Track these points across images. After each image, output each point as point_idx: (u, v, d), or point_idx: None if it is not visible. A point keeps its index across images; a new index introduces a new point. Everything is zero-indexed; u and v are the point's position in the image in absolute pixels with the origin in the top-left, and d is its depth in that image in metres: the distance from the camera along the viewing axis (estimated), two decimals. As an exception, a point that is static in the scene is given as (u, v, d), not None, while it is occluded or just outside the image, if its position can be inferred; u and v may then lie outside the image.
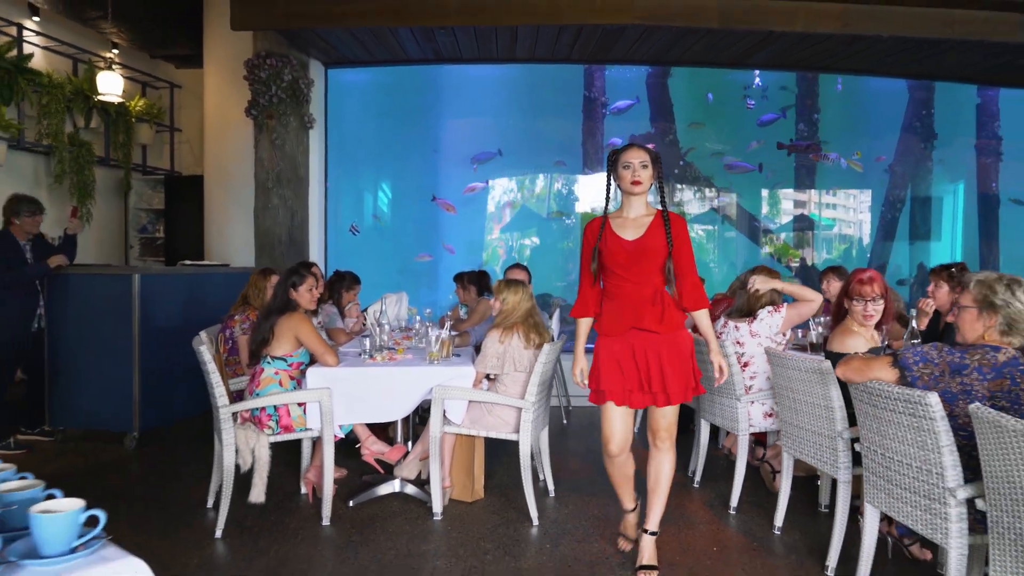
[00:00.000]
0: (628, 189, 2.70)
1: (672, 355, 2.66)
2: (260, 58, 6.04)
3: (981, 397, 2.17)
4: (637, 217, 2.72)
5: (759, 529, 3.34)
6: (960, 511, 2.09)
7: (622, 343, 2.70)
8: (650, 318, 2.66)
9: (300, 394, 3.33)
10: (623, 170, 2.68)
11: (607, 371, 2.71)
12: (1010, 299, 2.24)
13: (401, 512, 3.52)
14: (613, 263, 2.70)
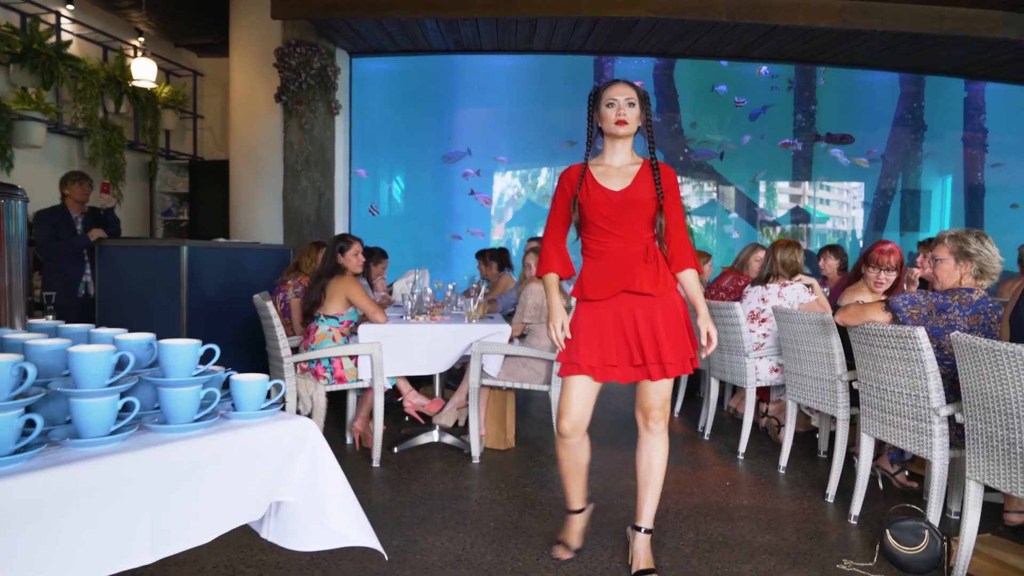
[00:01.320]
0: (612, 130, 2.32)
1: (669, 320, 2.32)
2: (290, 47, 6.38)
3: (963, 330, 2.58)
4: (623, 165, 2.38)
5: (765, 470, 3.73)
6: (943, 427, 2.48)
7: (608, 309, 2.35)
8: (643, 278, 2.32)
9: (353, 347, 3.69)
10: (607, 108, 2.32)
11: (588, 341, 2.35)
12: (980, 248, 2.68)
13: (442, 457, 3.89)
14: (597, 216, 2.34)
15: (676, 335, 2.33)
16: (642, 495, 2.48)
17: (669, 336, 2.31)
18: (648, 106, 2.38)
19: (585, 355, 2.34)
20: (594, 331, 2.35)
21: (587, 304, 2.39)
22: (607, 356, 2.34)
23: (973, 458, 2.28)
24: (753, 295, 4.12)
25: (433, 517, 2.97)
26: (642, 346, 2.32)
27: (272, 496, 1.53)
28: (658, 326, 2.31)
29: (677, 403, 5.08)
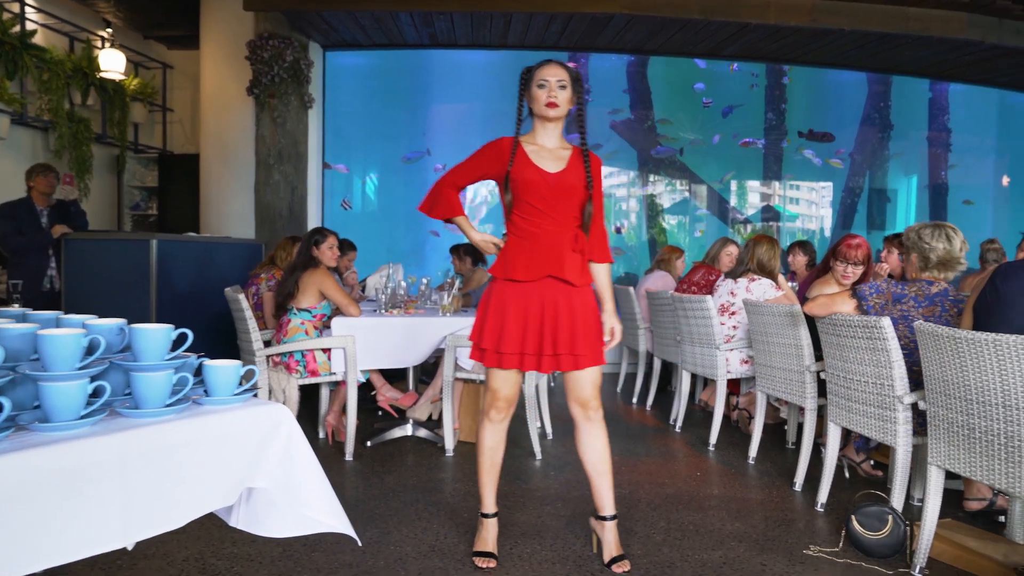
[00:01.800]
0: (542, 112, 2.28)
1: (587, 312, 2.32)
2: (263, 39, 6.31)
3: (917, 320, 2.66)
4: (554, 148, 2.34)
5: (735, 460, 3.78)
6: (906, 415, 2.54)
7: (532, 293, 2.29)
8: (571, 267, 2.28)
9: (327, 340, 3.67)
10: (537, 89, 2.27)
11: (511, 328, 2.28)
12: (919, 242, 2.77)
13: (415, 451, 3.88)
14: (533, 196, 2.28)
15: (592, 327, 2.33)
16: (599, 484, 2.44)
17: (585, 328, 2.30)
18: (581, 89, 2.34)
19: (508, 343, 2.28)
20: (519, 317, 2.28)
21: (509, 285, 2.31)
22: (526, 344, 2.29)
23: (935, 444, 2.34)
24: (723, 288, 4.18)
25: (407, 509, 2.97)
26: (557, 336, 2.28)
27: (245, 482, 1.52)
28: (576, 317, 2.29)
29: (649, 396, 5.13)
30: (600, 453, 2.42)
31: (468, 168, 2.42)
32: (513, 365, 2.30)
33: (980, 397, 2.11)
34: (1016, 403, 1.99)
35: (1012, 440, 2.02)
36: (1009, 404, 2.02)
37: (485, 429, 2.44)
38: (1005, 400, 2.03)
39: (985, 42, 5.92)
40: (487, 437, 2.45)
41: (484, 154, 2.38)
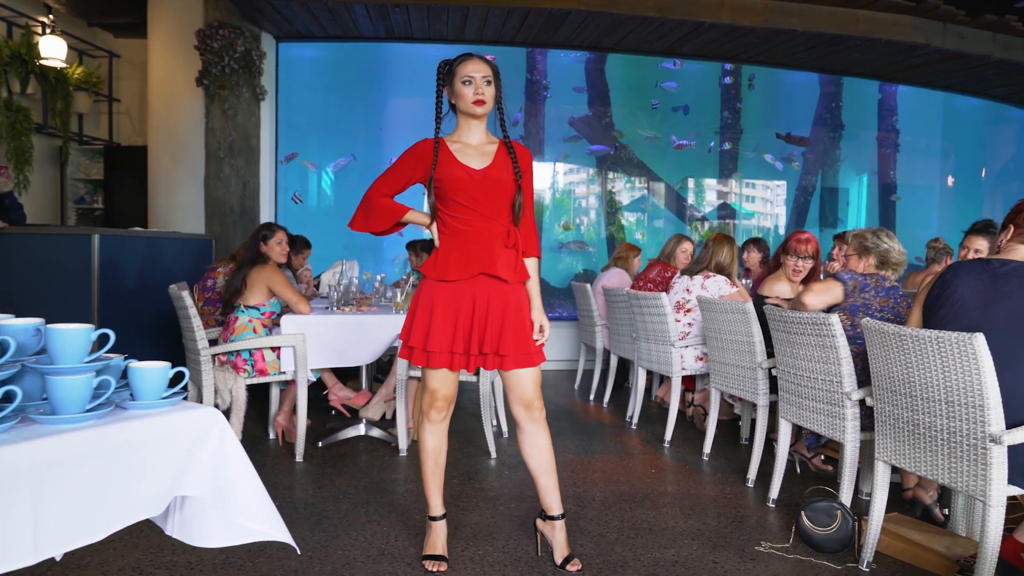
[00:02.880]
0: (470, 110, 2.23)
1: (519, 310, 2.26)
2: (213, 28, 6.13)
3: (876, 309, 2.77)
4: (479, 144, 2.30)
5: (690, 457, 3.80)
6: (854, 411, 2.57)
7: (462, 292, 2.22)
8: (504, 263, 2.23)
9: (276, 339, 3.57)
10: (463, 86, 2.21)
11: (441, 326, 2.21)
12: (877, 242, 2.99)
13: (368, 451, 3.81)
14: (459, 194, 2.23)
15: (522, 326, 2.26)
16: (546, 484, 2.38)
17: (514, 327, 2.24)
18: (500, 82, 2.28)
19: (437, 341, 2.20)
20: (450, 315, 2.22)
21: (440, 285, 2.24)
22: (456, 343, 2.22)
23: (881, 440, 2.37)
24: (679, 285, 4.19)
25: (357, 511, 2.90)
26: (485, 335, 2.23)
27: (174, 490, 1.45)
28: (507, 315, 2.24)
29: (606, 393, 5.13)
30: (544, 453, 2.36)
31: (392, 177, 2.32)
32: (441, 364, 2.23)
33: (924, 393, 2.14)
34: (958, 399, 2.02)
35: (954, 436, 2.05)
36: (951, 400, 2.04)
37: (426, 430, 2.37)
38: (947, 396, 2.06)
39: (930, 45, 6.07)
40: (428, 438, 2.38)
41: (407, 160, 2.31)
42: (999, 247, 2.30)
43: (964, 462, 2.03)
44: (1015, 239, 2.25)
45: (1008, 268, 2.17)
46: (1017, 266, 2.17)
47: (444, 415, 2.35)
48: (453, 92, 2.25)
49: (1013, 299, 2.12)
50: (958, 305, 2.20)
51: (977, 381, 1.95)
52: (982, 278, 2.20)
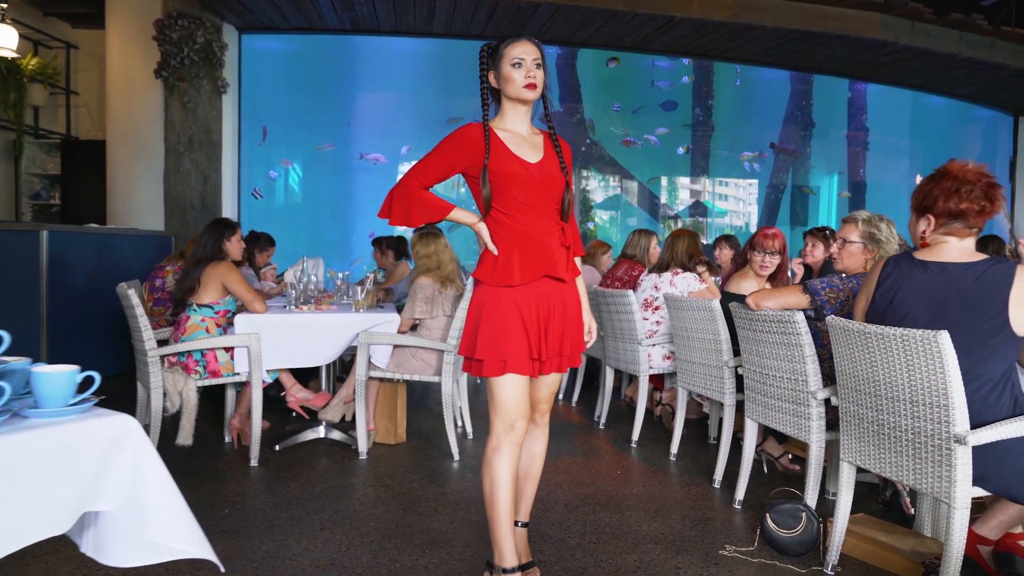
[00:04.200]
0: (520, 95, 2.02)
1: (575, 310, 2.17)
2: (171, 18, 5.96)
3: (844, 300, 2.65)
4: (527, 135, 2.10)
5: (657, 457, 3.73)
6: (820, 410, 2.52)
7: (526, 295, 2.04)
8: (562, 263, 2.09)
9: (229, 339, 3.43)
10: (512, 69, 2.00)
11: (515, 333, 2.01)
12: (889, 235, 2.76)
13: (327, 454, 3.69)
14: (518, 190, 2.02)
15: (578, 326, 2.18)
16: (527, 489, 2.26)
17: (573, 327, 2.15)
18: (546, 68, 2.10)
19: (514, 350, 2.00)
20: (519, 321, 2.02)
21: (502, 291, 2.03)
22: (531, 348, 2.04)
23: (846, 440, 2.31)
24: (647, 283, 4.13)
25: (310, 519, 2.78)
26: (559, 337, 2.11)
27: (84, 505, 1.33)
28: (567, 316, 2.12)
29: (575, 393, 5.06)
30: (533, 454, 2.25)
31: (436, 164, 2.06)
32: (523, 370, 2.02)
33: (888, 392, 2.08)
34: (922, 399, 1.96)
35: (919, 436, 1.99)
36: (916, 400, 1.99)
37: (502, 458, 2.04)
38: (912, 396, 2.00)
39: (898, 43, 6.08)
40: (505, 469, 2.04)
41: (453, 145, 2.04)
42: (922, 237, 2.17)
43: (928, 463, 1.97)
44: (939, 231, 2.12)
45: (947, 277, 2.07)
46: (953, 277, 2.07)
47: (523, 435, 2.09)
48: (500, 76, 2.03)
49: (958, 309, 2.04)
50: (907, 320, 2.11)
51: (942, 380, 1.90)
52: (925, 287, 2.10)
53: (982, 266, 2.04)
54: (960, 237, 2.10)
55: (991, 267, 2.03)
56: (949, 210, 2.07)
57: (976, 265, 2.05)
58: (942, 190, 2.09)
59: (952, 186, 2.07)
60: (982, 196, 2.05)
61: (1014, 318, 1.96)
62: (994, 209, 2.07)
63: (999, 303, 1.98)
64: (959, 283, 2.05)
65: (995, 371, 1.98)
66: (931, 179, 2.16)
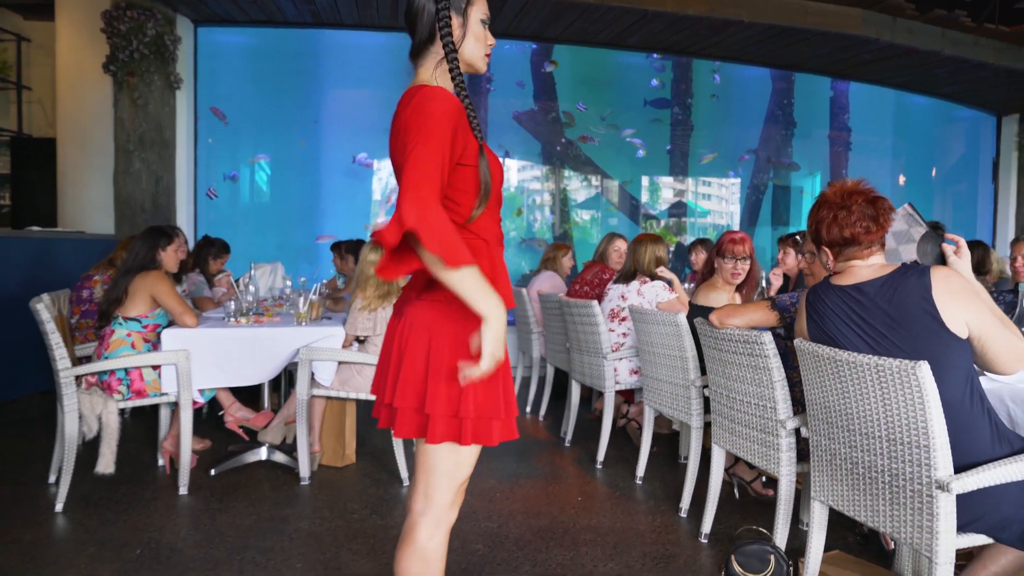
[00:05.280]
0: (479, 63, 1.52)
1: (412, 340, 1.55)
2: (120, 9, 5.64)
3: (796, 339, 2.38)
4: None
5: (622, 480, 3.48)
6: (789, 441, 2.27)
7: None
8: None
9: (154, 356, 3.15)
10: (483, 27, 1.51)
11: (510, 382, 1.52)
12: None
13: (267, 479, 3.41)
14: (497, 189, 1.51)
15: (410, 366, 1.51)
16: None
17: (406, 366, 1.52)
18: None
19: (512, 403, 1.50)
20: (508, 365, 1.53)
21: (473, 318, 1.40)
22: None
23: (817, 476, 2.07)
24: (614, 292, 3.88)
25: (230, 560, 2.51)
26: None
27: None
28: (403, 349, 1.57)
29: (542, 406, 4.80)
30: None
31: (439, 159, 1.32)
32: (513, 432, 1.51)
33: (863, 428, 1.84)
34: (900, 437, 1.73)
35: (897, 479, 1.75)
36: (893, 438, 1.75)
37: (439, 548, 1.51)
38: (889, 433, 1.76)
39: (880, 40, 5.87)
40: (441, 563, 1.52)
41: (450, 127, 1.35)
42: (830, 270, 2.03)
43: (907, 510, 1.73)
44: (840, 260, 1.98)
45: (867, 298, 1.89)
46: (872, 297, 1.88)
47: None
48: (466, 27, 1.48)
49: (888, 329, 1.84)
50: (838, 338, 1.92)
51: (922, 417, 1.66)
52: (848, 313, 1.92)
53: (896, 278, 1.86)
54: (863, 258, 1.95)
55: (905, 276, 1.84)
56: (836, 239, 1.95)
57: (891, 278, 1.87)
58: (821, 221, 1.98)
59: (829, 214, 1.95)
60: (863, 217, 1.91)
61: (947, 317, 1.76)
62: (882, 226, 1.92)
63: (927, 309, 1.77)
64: (881, 301, 1.86)
65: (955, 385, 1.75)
66: (813, 210, 2.04)
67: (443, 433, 1.46)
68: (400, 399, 1.48)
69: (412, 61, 1.58)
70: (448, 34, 1.46)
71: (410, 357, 1.49)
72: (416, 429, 1.49)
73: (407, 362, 1.49)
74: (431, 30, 1.47)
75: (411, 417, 1.48)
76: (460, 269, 1.28)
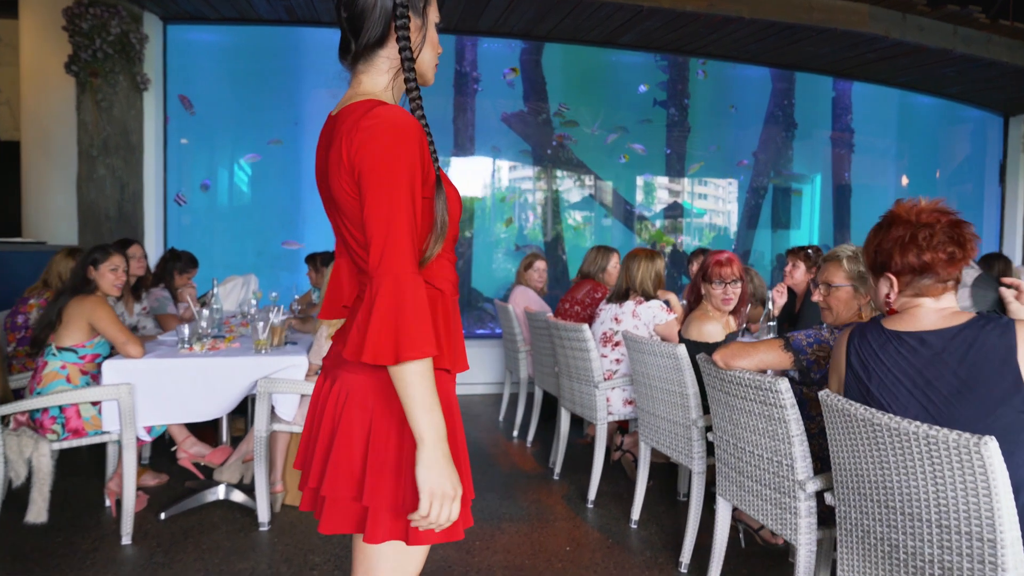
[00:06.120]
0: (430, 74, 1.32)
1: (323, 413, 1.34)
2: (82, 6, 5.28)
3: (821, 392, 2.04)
4: None
5: (615, 524, 3.16)
6: (809, 504, 1.95)
7: None
8: None
9: (92, 391, 2.81)
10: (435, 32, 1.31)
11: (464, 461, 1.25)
12: None
13: (223, 523, 3.08)
14: (454, 230, 1.28)
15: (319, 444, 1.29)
16: None
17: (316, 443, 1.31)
18: None
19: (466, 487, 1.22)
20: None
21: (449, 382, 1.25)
22: None
23: (846, 554, 1.75)
24: (606, 314, 3.55)
25: (164, 636, 2.18)
26: None
27: None
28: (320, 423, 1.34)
29: (530, 431, 4.47)
30: None
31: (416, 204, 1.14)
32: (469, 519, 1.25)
33: (906, 507, 1.52)
34: (955, 525, 1.41)
35: (948, 573, 1.43)
36: (946, 524, 1.43)
37: None
38: (940, 519, 1.44)
39: (888, 38, 5.56)
40: None
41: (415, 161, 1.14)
42: (887, 302, 1.68)
43: (963, 612, 1.41)
44: (907, 293, 1.64)
45: (930, 351, 1.57)
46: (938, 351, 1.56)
47: None
48: (425, 31, 1.27)
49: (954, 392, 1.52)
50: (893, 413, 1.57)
51: (986, 505, 1.34)
52: (905, 367, 1.59)
53: (972, 330, 1.53)
54: (935, 296, 1.61)
55: (983, 329, 1.51)
56: (910, 265, 1.60)
57: (964, 330, 1.54)
58: (895, 241, 1.62)
59: (906, 234, 1.60)
60: (948, 240, 1.57)
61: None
62: (965, 257, 1.57)
63: (1008, 373, 1.45)
64: (950, 357, 1.53)
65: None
66: (879, 229, 1.68)
67: (386, 531, 1.17)
68: (329, 486, 1.19)
69: (347, 64, 1.30)
70: (406, 37, 1.22)
71: (344, 437, 1.20)
72: (352, 523, 1.20)
73: (340, 442, 1.20)
74: (384, 30, 1.24)
75: (345, 507, 1.19)
76: (416, 362, 1.08)
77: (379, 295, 1.07)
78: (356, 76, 1.29)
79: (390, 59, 1.26)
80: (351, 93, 1.27)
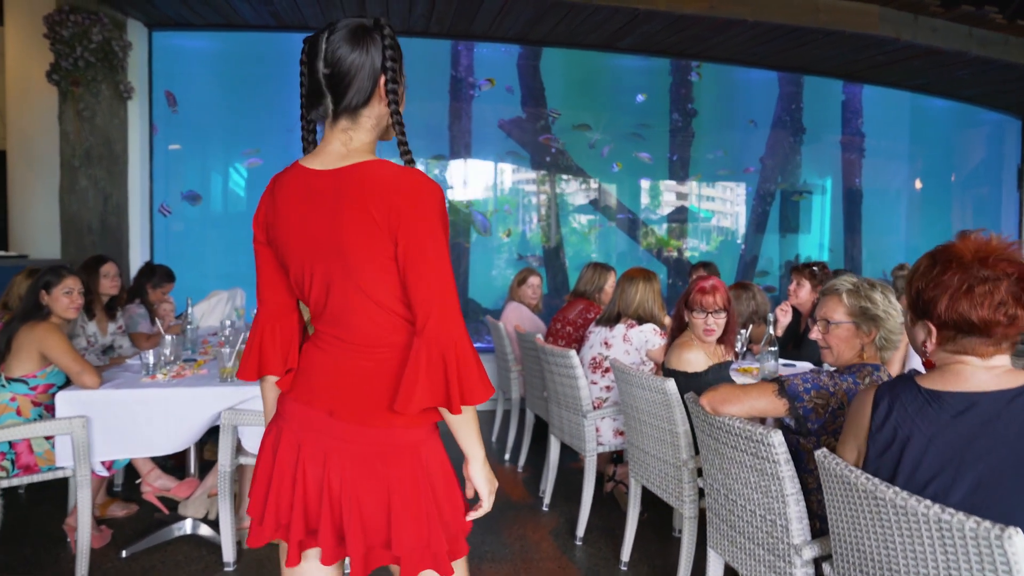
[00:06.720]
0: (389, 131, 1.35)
1: None
2: (63, 13, 5.14)
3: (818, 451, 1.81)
4: None
5: (604, 565, 2.95)
6: (807, 572, 1.74)
7: None
8: None
9: (43, 425, 2.64)
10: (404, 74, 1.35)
11: None
12: (888, 309, 1.91)
13: (188, 561, 2.90)
14: None
15: None
16: None
17: None
18: None
19: None
20: None
21: None
22: None
23: (846, 635, 1.54)
24: (596, 337, 3.34)
25: None
26: None
27: None
28: None
29: (521, 454, 4.27)
30: None
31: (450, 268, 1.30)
32: None
33: (914, 595, 1.31)
34: (974, 624, 1.19)
35: (966, 677, 1.22)
36: (962, 622, 1.22)
37: None
38: (955, 615, 1.23)
39: (899, 40, 5.32)
40: None
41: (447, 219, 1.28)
42: (924, 350, 1.41)
43: None
44: (948, 348, 1.35)
45: (980, 417, 1.30)
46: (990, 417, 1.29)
47: None
48: (401, 93, 1.32)
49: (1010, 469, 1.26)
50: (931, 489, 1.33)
51: (1009, 607, 1.13)
52: (948, 435, 1.32)
53: None
54: (983, 356, 1.32)
55: None
56: (958, 320, 1.30)
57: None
58: (944, 287, 1.30)
59: (961, 284, 1.29)
60: (1012, 300, 1.26)
61: None
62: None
63: None
64: (1004, 426, 1.27)
65: None
66: (930, 263, 1.35)
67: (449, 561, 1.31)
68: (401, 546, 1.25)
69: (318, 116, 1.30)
70: (396, 101, 1.28)
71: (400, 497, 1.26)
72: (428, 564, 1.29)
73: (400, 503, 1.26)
74: (372, 91, 1.26)
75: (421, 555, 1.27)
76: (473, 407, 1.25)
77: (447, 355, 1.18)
78: (341, 132, 1.28)
79: (371, 117, 1.28)
80: (343, 150, 1.27)
